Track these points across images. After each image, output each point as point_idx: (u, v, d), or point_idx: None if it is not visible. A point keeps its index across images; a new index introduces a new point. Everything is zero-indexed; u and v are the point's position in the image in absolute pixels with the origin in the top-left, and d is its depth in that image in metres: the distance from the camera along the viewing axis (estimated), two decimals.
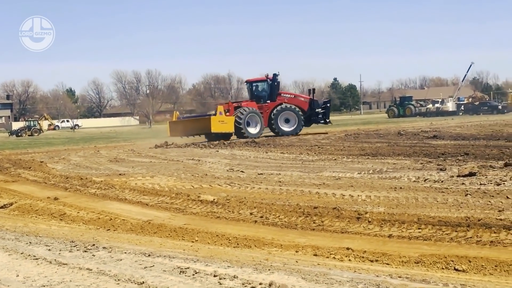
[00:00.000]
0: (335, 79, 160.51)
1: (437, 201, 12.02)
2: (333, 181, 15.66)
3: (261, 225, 11.22)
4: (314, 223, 10.97)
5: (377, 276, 7.09)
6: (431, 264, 7.98)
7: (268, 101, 40.35)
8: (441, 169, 16.50)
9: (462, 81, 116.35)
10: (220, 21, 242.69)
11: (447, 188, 13.45)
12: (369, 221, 10.65)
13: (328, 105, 43.29)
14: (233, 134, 38.69)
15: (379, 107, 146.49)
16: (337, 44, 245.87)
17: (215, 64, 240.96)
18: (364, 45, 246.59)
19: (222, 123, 38.49)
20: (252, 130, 38.79)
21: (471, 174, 14.87)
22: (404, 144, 26.64)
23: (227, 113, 38.38)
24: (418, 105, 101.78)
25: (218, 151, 27.72)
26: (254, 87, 41.97)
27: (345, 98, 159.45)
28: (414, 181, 14.96)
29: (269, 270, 7.19)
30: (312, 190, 14.28)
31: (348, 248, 8.88)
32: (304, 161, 21.76)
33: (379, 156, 21.71)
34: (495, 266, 7.68)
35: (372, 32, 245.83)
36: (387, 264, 8.16)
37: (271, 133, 40.19)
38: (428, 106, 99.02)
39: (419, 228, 10.03)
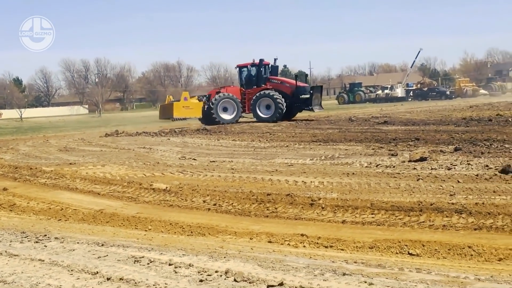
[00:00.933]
0: (285, 66, 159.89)
1: (390, 186, 12.11)
2: (285, 168, 15.68)
3: (214, 213, 11.18)
4: (267, 210, 10.97)
5: (332, 262, 7.10)
6: (385, 249, 8.03)
7: (255, 87, 39.89)
8: (392, 155, 16.62)
9: (411, 67, 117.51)
10: (169, 8, 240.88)
11: (399, 173, 13.57)
12: (322, 207, 10.68)
13: (313, 91, 40.68)
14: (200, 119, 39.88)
15: (329, 94, 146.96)
16: (286, 31, 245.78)
17: (164, 52, 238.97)
18: (313, 32, 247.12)
19: (186, 108, 39.95)
20: (227, 115, 38.77)
21: (422, 159, 15.01)
22: (355, 130, 26.82)
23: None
24: (368, 91, 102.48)
25: (169, 139, 27.52)
26: (242, 72, 41.40)
27: None
28: (366, 166, 15.05)
29: (224, 257, 7.16)
30: (265, 177, 14.28)
31: (302, 235, 8.88)
32: (256, 148, 21.75)
33: (331, 142, 21.80)
34: (448, 249, 7.75)
35: (321, 18, 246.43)
36: (342, 249, 8.18)
37: (254, 119, 39.81)
38: (377, 92, 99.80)
39: (372, 214, 10.10)
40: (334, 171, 14.60)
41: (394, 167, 14.63)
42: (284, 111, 38.50)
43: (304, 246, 8.41)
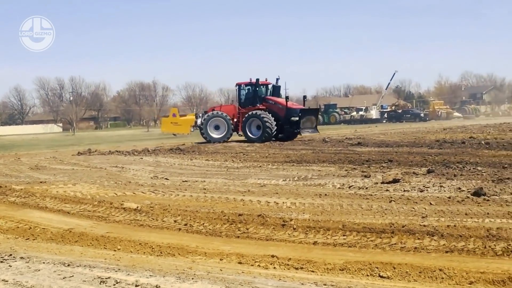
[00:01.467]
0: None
1: (362, 208, 12.07)
2: (258, 188, 15.61)
3: (185, 233, 11.03)
4: (239, 230, 10.86)
5: (302, 284, 7.02)
6: (356, 271, 7.92)
7: (250, 106, 39.49)
8: (365, 176, 16.62)
9: (386, 89, 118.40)
10: (145, 27, 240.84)
11: (371, 195, 13.55)
12: (294, 228, 10.58)
13: (303, 114, 38.87)
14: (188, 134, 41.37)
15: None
16: (263, 51, 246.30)
17: (140, 71, 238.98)
18: (289, 52, 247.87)
19: (174, 124, 41.62)
20: (217, 134, 38.78)
21: (395, 181, 15.02)
22: (329, 151, 26.83)
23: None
24: (343, 112, 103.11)
25: (142, 158, 27.40)
26: (240, 91, 40.77)
27: None
28: (339, 187, 15.02)
29: (192, 279, 7.05)
30: (237, 197, 14.20)
31: (273, 256, 8.77)
32: (229, 168, 21.66)
33: (304, 163, 21.79)
34: (419, 272, 7.66)
35: (297, 39, 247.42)
36: (312, 271, 8.06)
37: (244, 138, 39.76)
38: (352, 114, 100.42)
39: (344, 235, 10.01)
40: (307, 192, 14.55)
41: (367, 188, 14.62)
42: (274, 132, 37.75)
43: (274, 268, 8.29)
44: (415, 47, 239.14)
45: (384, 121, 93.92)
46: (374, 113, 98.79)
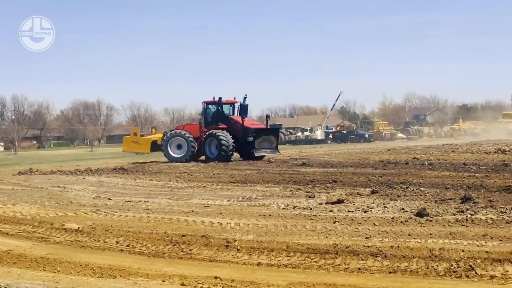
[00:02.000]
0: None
1: (306, 228, 12.05)
2: (202, 209, 15.52)
3: (127, 254, 10.87)
4: (182, 251, 10.74)
5: None
6: None
7: (214, 125, 38.44)
8: (310, 196, 16.64)
9: (331, 110, 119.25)
10: (89, 45, 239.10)
11: (316, 215, 13.56)
12: (238, 249, 10.51)
13: (257, 133, 37.86)
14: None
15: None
16: (205, 71, 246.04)
17: (84, 90, 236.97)
18: (233, 72, 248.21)
19: (135, 143, 40.98)
20: (177, 154, 38.18)
21: (340, 201, 15.06)
22: (274, 171, 26.82)
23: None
24: (288, 133, 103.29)
25: (85, 178, 27.07)
26: (205, 110, 39.95)
27: None
28: (283, 208, 15.01)
29: None
30: (181, 217, 14.09)
31: (216, 277, 8.67)
32: (173, 188, 21.51)
33: (249, 183, 21.76)
34: None
35: (241, 60, 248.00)
36: None
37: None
38: (297, 134, 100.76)
39: (288, 256, 9.96)
40: (251, 212, 14.51)
41: (311, 209, 14.63)
42: (231, 152, 36.77)
43: None
44: (360, 68, 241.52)
45: (329, 142, 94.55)
46: (319, 134, 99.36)
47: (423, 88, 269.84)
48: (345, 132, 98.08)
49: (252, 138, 37.14)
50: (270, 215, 13.91)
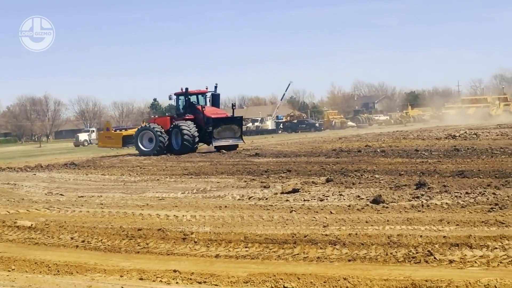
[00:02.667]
0: (154, 99, 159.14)
1: (263, 219, 12.02)
2: (156, 202, 15.42)
3: (83, 250, 10.74)
4: (138, 245, 10.63)
5: None
6: (260, 283, 7.81)
7: (184, 116, 37.31)
8: (265, 187, 16.62)
9: (281, 100, 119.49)
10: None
11: (272, 205, 13.54)
12: (195, 242, 10.44)
13: (216, 123, 36.39)
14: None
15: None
16: (155, 64, 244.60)
17: (31, 86, 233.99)
18: (183, 65, 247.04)
19: (108, 138, 40.84)
20: (147, 147, 37.33)
21: (295, 191, 15.06)
22: (227, 162, 26.75)
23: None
24: None
25: (35, 174, 26.69)
26: (177, 101, 38.85)
27: None
28: (239, 199, 14.98)
29: None
30: (136, 211, 13.98)
31: (175, 271, 8.56)
32: (126, 182, 21.35)
33: (202, 175, 21.68)
34: (324, 282, 7.61)
35: (191, 50, 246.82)
36: (216, 285, 7.91)
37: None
38: (248, 125, 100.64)
39: (246, 247, 9.91)
40: (206, 204, 14.45)
41: (266, 199, 14.62)
42: (195, 144, 35.92)
43: (177, 283, 8.10)
44: (308, 57, 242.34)
45: (280, 132, 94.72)
46: (269, 124, 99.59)
47: (371, 76, 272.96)
48: (295, 121, 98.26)
49: (211, 128, 35.93)
50: (226, 207, 13.85)
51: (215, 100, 38.85)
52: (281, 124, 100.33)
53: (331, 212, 12.19)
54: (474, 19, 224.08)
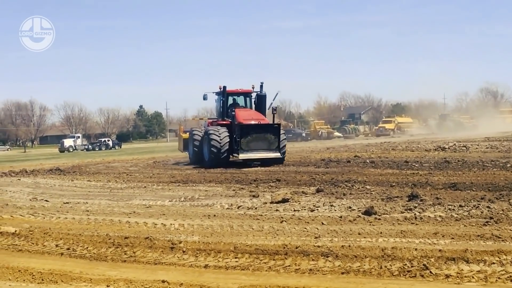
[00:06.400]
0: (140, 106, 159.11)
1: (253, 229, 11.82)
2: (143, 210, 15.18)
3: (68, 258, 10.47)
4: (125, 254, 10.38)
5: None
6: None
7: (218, 121, 31.79)
8: (254, 196, 16.44)
9: (268, 109, 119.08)
10: (20, 46, 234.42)
11: (261, 215, 13.34)
12: (183, 251, 10.20)
13: (247, 131, 29.62)
14: None
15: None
16: (142, 71, 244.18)
17: (16, 91, 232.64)
18: (170, 72, 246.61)
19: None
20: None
21: (285, 201, 14.86)
22: (215, 170, 26.59)
23: None
24: None
25: (20, 179, 26.46)
26: (216, 102, 33.49)
27: (151, 125, 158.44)
28: (228, 208, 14.77)
29: None
30: (122, 219, 13.74)
31: (163, 281, 8.34)
32: (112, 189, 21.08)
33: (190, 183, 21.48)
34: None
35: (174, 60, 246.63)
36: None
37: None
38: None
39: (236, 257, 9.69)
40: (195, 213, 14.22)
41: (256, 208, 14.42)
42: (223, 154, 29.23)
43: None
44: (295, 67, 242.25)
45: None
46: None
47: (357, 88, 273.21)
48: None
49: (240, 136, 29.25)
50: (214, 215, 13.62)
51: (261, 102, 32.67)
52: None
53: (322, 223, 11.98)
54: (460, 32, 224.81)
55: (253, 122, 30.21)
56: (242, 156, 29.15)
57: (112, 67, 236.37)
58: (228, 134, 29.57)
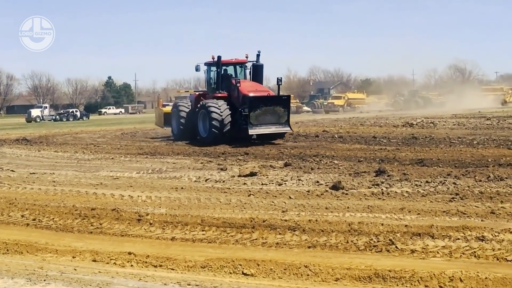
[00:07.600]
0: (109, 77, 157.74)
1: (220, 202, 11.83)
2: (111, 181, 15.12)
3: (33, 229, 10.43)
4: (92, 225, 10.36)
5: (164, 284, 6.67)
6: (218, 268, 7.57)
7: (215, 93, 28.37)
8: (222, 169, 16.41)
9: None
10: None
11: (229, 188, 13.32)
12: (150, 223, 10.21)
13: (254, 104, 26.15)
14: None
15: (154, 107, 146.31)
16: (111, 42, 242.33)
17: None
18: (139, 44, 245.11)
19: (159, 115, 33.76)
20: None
21: (252, 174, 14.86)
22: (183, 143, 26.37)
23: None
24: None
25: None
26: (208, 73, 30.12)
27: (120, 97, 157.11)
28: (195, 181, 14.74)
29: (44, 280, 6.53)
30: (89, 190, 13.68)
31: (130, 253, 8.30)
32: (79, 160, 20.95)
33: (158, 155, 21.41)
34: (284, 269, 7.41)
35: (149, 31, 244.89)
36: (172, 269, 7.65)
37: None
38: None
39: (203, 230, 9.71)
40: (162, 185, 14.19)
41: (224, 182, 14.40)
42: (226, 128, 26.08)
43: (132, 266, 7.82)
44: (264, 41, 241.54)
45: None
46: None
47: (327, 62, 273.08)
48: None
49: (247, 110, 26.15)
50: (182, 188, 13.59)
51: (258, 73, 29.35)
52: None
53: (290, 197, 12.01)
54: (431, 8, 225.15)
55: (262, 94, 27.30)
56: (252, 131, 25.96)
57: (80, 37, 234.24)
58: (228, 107, 26.80)
